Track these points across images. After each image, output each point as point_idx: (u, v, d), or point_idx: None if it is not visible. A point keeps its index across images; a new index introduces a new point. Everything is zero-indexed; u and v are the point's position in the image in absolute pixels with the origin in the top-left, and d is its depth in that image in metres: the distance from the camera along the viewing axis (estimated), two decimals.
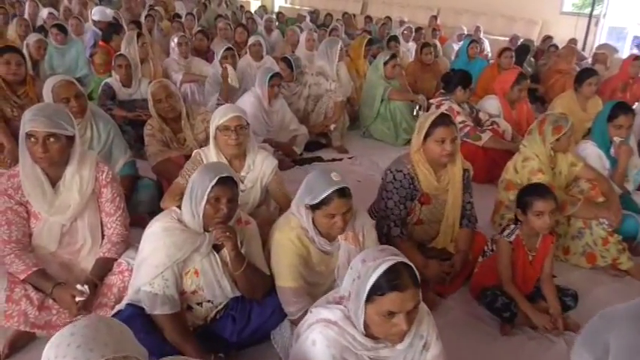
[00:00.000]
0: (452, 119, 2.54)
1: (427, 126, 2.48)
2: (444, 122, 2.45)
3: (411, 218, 2.63)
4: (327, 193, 1.88)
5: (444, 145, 2.42)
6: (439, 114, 2.54)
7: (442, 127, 2.43)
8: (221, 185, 1.84)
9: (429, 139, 2.48)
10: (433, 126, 2.46)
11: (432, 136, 2.46)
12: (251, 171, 2.58)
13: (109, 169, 2.30)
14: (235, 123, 2.43)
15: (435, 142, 2.46)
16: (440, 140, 2.44)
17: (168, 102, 3.05)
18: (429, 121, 2.48)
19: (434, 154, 2.47)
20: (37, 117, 2.01)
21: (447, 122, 2.46)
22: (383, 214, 2.59)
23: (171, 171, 3.00)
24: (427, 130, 2.47)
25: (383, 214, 2.59)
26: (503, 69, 5.69)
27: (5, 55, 3.53)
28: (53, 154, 2.06)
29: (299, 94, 4.54)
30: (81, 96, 2.84)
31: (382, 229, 2.55)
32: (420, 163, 2.53)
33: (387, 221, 2.55)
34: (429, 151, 2.50)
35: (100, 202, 2.27)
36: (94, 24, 6.61)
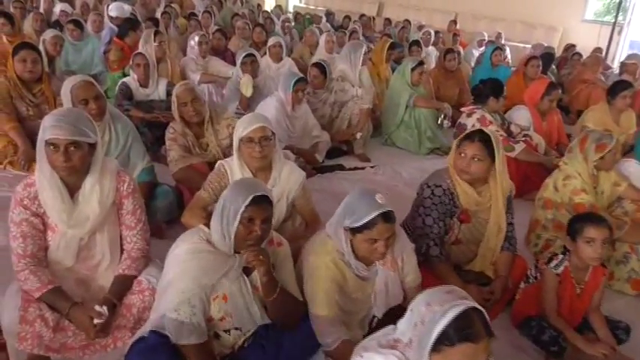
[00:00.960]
0: (485, 137, 2.34)
1: (460, 139, 2.37)
2: (470, 137, 2.32)
3: (448, 237, 2.46)
4: (370, 216, 1.73)
5: (464, 158, 2.29)
6: (475, 130, 2.40)
7: (468, 141, 2.30)
8: (256, 205, 1.69)
9: (456, 152, 2.37)
10: (463, 139, 2.34)
11: (459, 149, 2.35)
12: (277, 184, 2.43)
13: (131, 179, 2.16)
14: (260, 134, 2.28)
15: (457, 155, 2.35)
16: (458, 153, 2.34)
17: (193, 106, 2.90)
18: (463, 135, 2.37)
19: (456, 167, 2.35)
20: (60, 124, 1.87)
21: (475, 138, 2.30)
22: (420, 232, 2.43)
23: (193, 179, 2.87)
24: (457, 143, 2.37)
25: (420, 232, 2.43)
26: (529, 78, 5.53)
27: (21, 52, 3.41)
28: (75, 163, 1.92)
29: (324, 100, 4.38)
30: (100, 97, 2.70)
31: (420, 248, 2.38)
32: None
33: (426, 240, 2.39)
34: (455, 165, 2.38)
35: (120, 214, 2.13)
36: (111, 20, 6.48)
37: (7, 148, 3.43)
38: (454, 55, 5.64)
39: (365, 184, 3.87)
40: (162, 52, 4.82)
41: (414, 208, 2.61)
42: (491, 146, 2.28)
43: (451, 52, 5.64)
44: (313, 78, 4.25)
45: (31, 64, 3.42)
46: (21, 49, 3.42)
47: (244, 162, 2.37)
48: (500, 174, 2.35)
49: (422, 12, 13.13)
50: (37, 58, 3.46)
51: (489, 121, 3.83)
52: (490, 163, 2.30)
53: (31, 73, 3.45)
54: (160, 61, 4.78)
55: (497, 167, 2.31)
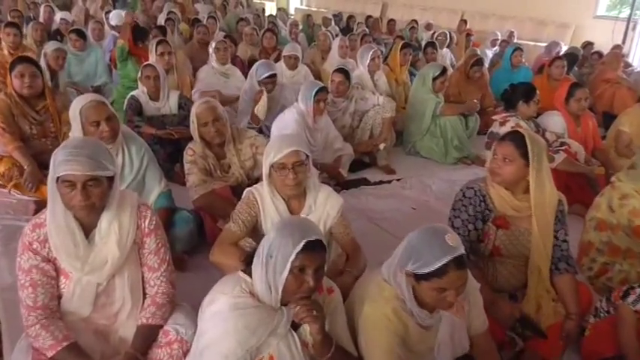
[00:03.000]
0: (517, 137, 2.13)
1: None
2: (502, 137, 2.18)
3: (485, 245, 2.24)
4: (441, 262, 1.48)
5: (496, 159, 2.12)
6: (510, 131, 2.26)
7: (500, 142, 2.16)
8: (308, 251, 1.44)
9: (492, 155, 2.19)
10: (499, 141, 2.18)
11: (493, 151, 2.17)
12: (312, 212, 2.18)
13: (153, 214, 1.91)
14: (293, 160, 2.03)
15: (492, 157, 2.17)
16: (493, 156, 2.17)
17: (215, 126, 2.65)
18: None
19: (490, 170, 2.18)
20: (76, 158, 1.62)
21: (506, 138, 2.14)
22: None
23: (215, 205, 2.63)
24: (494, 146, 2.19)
25: None
26: (554, 79, 5.28)
27: (18, 67, 3.16)
28: (94, 201, 1.68)
29: (344, 109, 4.13)
30: (113, 118, 2.46)
31: None
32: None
33: None
34: (489, 168, 2.19)
35: (142, 253, 1.88)
36: (112, 28, 6.24)
37: (11, 171, 3.18)
38: (481, 68, 5.29)
39: (394, 200, 3.62)
40: (168, 63, 4.54)
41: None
42: (525, 148, 2.08)
43: (478, 65, 5.27)
44: (338, 84, 4.00)
45: (29, 78, 3.16)
46: (18, 63, 3.17)
47: (276, 189, 2.13)
48: (540, 179, 2.12)
49: (428, 11, 12.87)
50: (35, 72, 3.20)
51: (525, 129, 3.57)
52: (523, 166, 2.10)
53: (30, 89, 3.19)
54: (166, 72, 4.53)
55: (531, 171, 2.09)
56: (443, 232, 1.55)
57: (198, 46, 6.16)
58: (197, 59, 5.71)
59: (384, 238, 3.07)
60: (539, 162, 2.10)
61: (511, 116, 3.66)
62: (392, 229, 3.20)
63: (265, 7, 14.25)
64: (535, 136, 2.18)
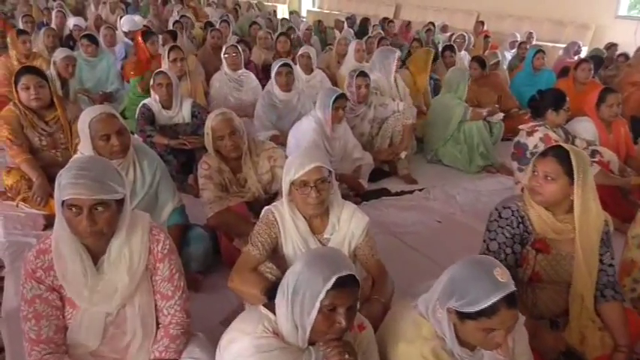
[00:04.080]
0: (561, 153, 1.97)
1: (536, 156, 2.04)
2: (543, 153, 2.01)
3: (524, 270, 2.07)
4: (491, 301, 1.31)
5: (537, 177, 1.96)
6: (552, 145, 2.10)
7: (541, 158, 1.99)
8: (340, 289, 1.28)
9: (531, 171, 2.02)
10: (538, 156, 2.03)
11: (533, 167, 2.01)
12: (336, 232, 2.03)
13: (166, 237, 1.77)
14: (315, 177, 1.88)
15: (531, 174, 2.00)
16: (532, 172, 2.00)
17: (232, 139, 2.51)
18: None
19: (529, 188, 2.01)
20: (81, 180, 1.48)
21: (548, 154, 1.98)
22: None
23: (231, 223, 2.49)
24: (533, 162, 2.03)
25: None
26: (580, 83, 5.07)
27: (22, 79, 3.03)
28: (102, 227, 1.54)
29: (362, 115, 3.97)
30: (124, 131, 2.33)
31: None
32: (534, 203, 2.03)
33: None
34: (529, 186, 2.02)
35: (154, 280, 1.74)
36: (125, 35, 6.13)
37: (19, 184, 3.07)
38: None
39: (417, 213, 3.45)
40: (180, 69, 4.41)
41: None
42: (569, 164, 1.91)
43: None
44: (363, 89, 3.83)
45: (35, 90, 3.03)
46: (22, 75, 3.04)
47: (297, 208, 1.98)
48: (585, 199, 1.95)
49: (442, 12, 12.65)
50: (41, 82, 3.06)
51: (555, 140, 3.38)
52: (567, 184, 1.94)
53: (37, 101, 3.07)
54: (179, 78, 4.40)
55: (576, 190, 1.92)
56: (491, 265, 1.38)
57: (212, 50, 6.03)
58: (210, 64, 5.58)
59: (409, 255, 2.91)
60: (584, 180, 1.93)
61: (539, 125, 3.46)
62: (417, 244, 3.04)
63: (277, 10, 14.14)
64: (580, 152, 2.00)
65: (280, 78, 3.90)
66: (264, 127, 3.94)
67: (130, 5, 11.27)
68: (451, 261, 2.76)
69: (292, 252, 1.99)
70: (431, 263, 2.84)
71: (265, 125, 3.94)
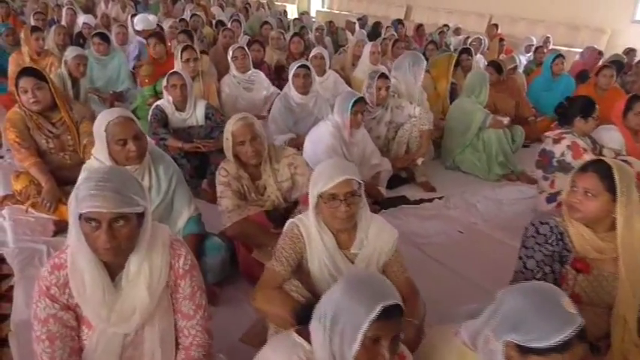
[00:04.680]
0: (602, 167, 1.87)
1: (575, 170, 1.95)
2: (583, 168, 1.91)
3: (563, 290, 1.95)
4: (564, 336, 1.18)
5: (576, 192, 1.88)
6: (593, 159, 2.00)
7: (580, 173, 1.90)
8: (384, 320, 1.17)
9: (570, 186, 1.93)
10: (577, 170, 1.94)
11: (572, 182, 1.92)
12: (364, 247, 1.92)
13: (187, 252, 1.66)
14: (345, 189, 1.77)
15: (570, 189, 1.92)
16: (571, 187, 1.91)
17: (253, 145, 2.40)
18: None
19: (568, 204, 1.91)
20: (100, 192, 1.38)
21: (588, 169, 1.88)
22: (520, 278, 1.97)
23: (250, 234, 2.38)
24: (572, 176, 1.94)
25: (520, 278, 1.97)
26: (601, 89, 4.94)
27: (20, 81, 2.92)
28: (121, 242, 1.44)
29: (379, 118, 3.85)
30: (141, 137, 2.22)
31: None
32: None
33: None
34: (567, 202, 1.92)
35: (175, 298, 1.64)
36: (138, 33, 6.03)
37: (28, 189, 2.97)
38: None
39: (439, 222, 3.34)
40: (193, 69, 4.30)
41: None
42: (611, 180, 1.82)
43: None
44: (384, 91, 3.72)
45: (32, 93, 2.91)
46: (19, 77, 2.92)
47: (324, 222, 1.87)
48: (629, 216, 1.83)
49: (454, 14, 12.52)
50: (40, 84, 2.93)
51: (583, 148, 3.27)
52: (609, 201, 1.83)
53: (37, 104, 2.94)
54: (192, 79, 4.30)
55: (619, 207, 1.81)
56: (556, 295, 1.24)
57: (223, 50, 5.93)
58: (222, 64, 5.47)
59: (433, 268, 2.80)
60: (628, 196, 1.82)
61: (566, 133, 3.34)
62: (440, 256, 2.92)
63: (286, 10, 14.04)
64: (623, 167, 1.88)
65: (298, 80, 3.79)
66: (281, 130, 3.83)
67: (140, 3, 11.19)
68: (478, 275, 2.71)
69: (318, 268, 1.88)
70: (456, 277, 2.74)
71: (281, 129, 3.84)
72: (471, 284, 2.66)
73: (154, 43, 4.67)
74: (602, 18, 9.71)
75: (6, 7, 7.38)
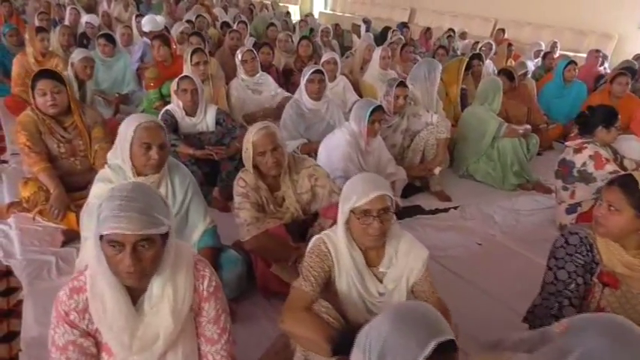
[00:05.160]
0: (628, 182, 1.80)
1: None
2: (610, 181, 1.88)
3: (588, 303, 1.89)
4: None
5: (601, 207, 1.83)
6: (621, 174, 1.97)
7: (606, 186, 1.87)
8: (437, 357, 1.08)
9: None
10: (607, 185, 1.88)
11: (600, 196, 1.87)
12: (393, 265, 1.84)
13: (212, 273, 1.58)
14: (379, 206, 1.70)
15: (598, 203, 1.86)
16: (599, 200, 1.87)
17: (274, 156, 2.31)
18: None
19: (594, 218, 1.86)
20: (125, 213, 1.30)
21: (614, 183, 1.83)
22: (551, 290, 1.91)
23: (270, 248, 2.29)
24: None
25: (551, 290, 1.91)
26: (615, 97, 4.86)
27: (39, 84, 2.84)
28: (145, 266, 1.36)
29: (395, 126, 3.76)
30: (165, 147, 2.16)
31: (550, 308, 1.89)
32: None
33: (559, 298, 1.87)
34: (594, 215, 1.87)
35: (199, 322, 1.55)
36: (145, 35, 5.92)
37: (37, 195, 2.87)
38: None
39: (456, 234, 3.26)
40: (203, 73, 4.20)
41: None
42: (636, 195, 1.75)
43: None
44: (402, 100, 3.63)
45: (51, 96, 2.84)
46: (38, 79, 2.85)
47: (353, 238, 1.79)
48: None
49: (458, 18, 12.45)
50: (59, 87, 2.87)
51: (605, 158, 3.19)
52: (634, 217, 1.77)
53: (54, 107, 2.88)
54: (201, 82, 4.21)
55: None
56: (629, 328, 1.14)
57: (230, 52, 5.84)
58: (228, 66, 5.38)
59: (454, 282, 2.71)
60: None
61: (588, 142, 3.25)
62: (460, 269, 2.84)
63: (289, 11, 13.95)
64: None
65: (312, 85, 3.70)
66: (292, 136, 3.74)
67: (142, 3, 11.09)
68: (500, 289, 2.62)
69: (346, 287, 1.80)
70: (478, 292, 2.65)
71: (293, 135, 3.74)
72: (494, 300, 2.58)
73: (158, 45, 4.57)
74: (609, 23, 9.63)
75: (9, 6, 7.28)
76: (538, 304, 1.96)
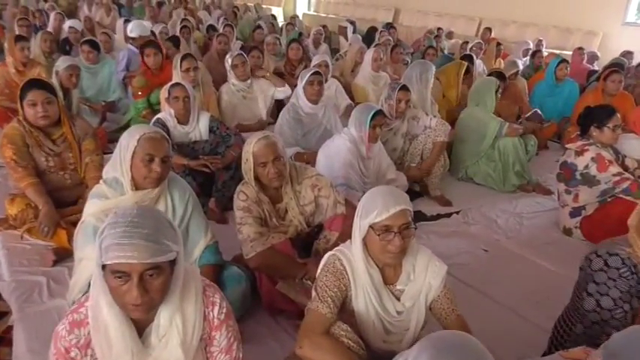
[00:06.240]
0: None
1: None
2: None
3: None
4: None
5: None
6: None
7: None
8: None
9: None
10: None
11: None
12: (411, 282, 1.76)
13: (222, 299, 1.47)
14: (401, 221, 1.61)
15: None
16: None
17: (276, 166, 2.20)
18: None
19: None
20: (131, 240, 1.19)
21: None
22: (595, 319, 1.79)
23: (276, 265, 2.18)
24: None
25: (595, 319, 1.79)
26: (608, 95, 4.84)
27: (29, 94, 2.70)
28: (154, 296, 1.25)
29: (395, 129, 3.68)
30: (168, 161, 2.03)
31: (596, 337, 1.76)
32: None
33: (605, 328, 1.75)
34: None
35: (209, 352, 1.45)
36: (131, 41, 5.74)
37: (25, 213, 2.73)
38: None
39: (460, 240, 3.18)
40: (193, 79, 4.06)
41: (578, 288, 1.93)
42: None
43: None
44: (404, 104, 3.55)
45: (42, 107, 2.70)
46: (28, 90, 2.70)
47: (371, 255, 1.69)
48: None
49: (443, 18, 12.46)
50: (50, 97, 2.73)
51: (608, 160, 3.13)
52: None
53: (46, 119, 2.74)
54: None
55: None
56: None
57: (218, 57, 5.72)
58: (216, 71, 5.26)
59: (463, 292, 2.61)
60: None
61: (589, 144, 3.19)
62: (468, 278, 2.76)
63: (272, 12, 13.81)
64: None
65: (312, 88, 3.60)
66: (288, 143, 3.63)
67: (124, 7, 10.88)
68: (511, 298, 2.55)
69: (364, 307, 1.71)
70: (489, 301, 2.58)
71: (289, 142, 3.63)
72: (508, 310, 2.51)
73: (152, 53, 4.43)
74: (594, 20, 9.70)
75: None
76: (580, 334, 1.83)
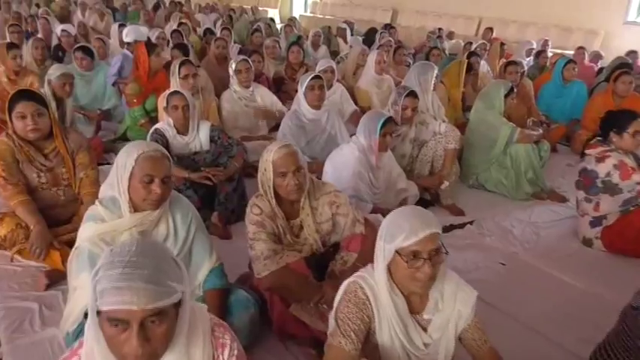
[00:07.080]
0: None
1: None
2: None
3: None
4: None
5: None
6: None
7: None
8: None
9: None
10: None
11: None
12: (439, 311, 1.60)
13: (233, 339, 1.32)
14: (430, 246, 1.46)
15: None
16: None
17: (296, 177, 2.02)
18: None
19: None
20: (129, 284, 1.04)
21: None
22: None
23: (291, 286, 2.02)
24: None
25: None
26: (618, 96, 4.70)
27: (18, 106, 2.52)
28: (156, 346, 1.09)
29: (404, 135, 3.52)
30: (168, 181, 1.86)
31: None
32: None
33: None
34: None
35: None
36: (127, 46, 5.57)
37: (15, 233, 2.56)
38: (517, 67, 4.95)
39: (476, 253, 3.03)
40: (192, 86, 3.87)
41: (627, 324, 1.77)
42: None
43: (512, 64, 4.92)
44: (411, 111, 3.40)
45: (32, 120, 2.53)
46: (17, 101, 2.53)
47: (395, 282, 1.54)
48: None
49: (442, 18, 12.33)
50: (40, 109, 2.56)
51: (631, 167, 2.99)
52: None
53: (36, 132, 2.56)
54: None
55: None
56: None
57: (216, 62, 5.56)
58: (214, 76, 5.09)
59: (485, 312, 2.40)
60: None
61: (610, 151, 3.05)
62: (488, 296, 2.54)
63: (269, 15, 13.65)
64: None
65: (313, 93, 3.45)
66: None
67: (118, 11, 10.72)
68: (535, 318, 2.39)
69: (389, 340, 1.55)
70: (512, 321, 2.42)
71: None
72: (529, 330, 2.36)
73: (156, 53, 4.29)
74: (595, 20, 9.59)
75: None
76: None
